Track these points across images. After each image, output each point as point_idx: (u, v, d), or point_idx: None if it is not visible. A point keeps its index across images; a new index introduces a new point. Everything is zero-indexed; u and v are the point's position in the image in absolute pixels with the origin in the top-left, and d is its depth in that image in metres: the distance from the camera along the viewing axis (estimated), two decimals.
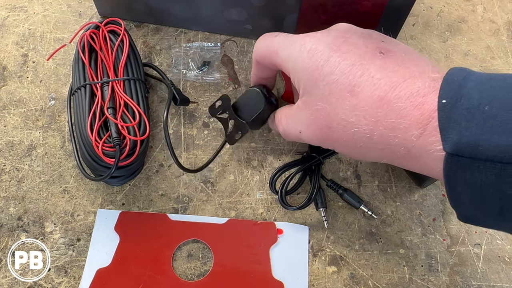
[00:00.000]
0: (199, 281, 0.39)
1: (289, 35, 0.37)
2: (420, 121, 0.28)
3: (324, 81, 0.32)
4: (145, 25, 0.52)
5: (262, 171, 0.44)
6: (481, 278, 0.40)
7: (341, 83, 0.31)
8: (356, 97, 0.31)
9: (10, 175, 0.43)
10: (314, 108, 0.33)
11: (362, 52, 0.32)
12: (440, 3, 0.56)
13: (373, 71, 0.31)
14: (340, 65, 0.32)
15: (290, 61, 0.35)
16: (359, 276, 0.40)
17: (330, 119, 0.32)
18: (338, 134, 0.33)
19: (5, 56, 0.49)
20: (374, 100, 0.30)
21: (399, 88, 0.29)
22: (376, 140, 0.31)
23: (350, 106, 0.31)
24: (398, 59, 0.32)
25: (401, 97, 0.29)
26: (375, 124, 0.30)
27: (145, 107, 0.42)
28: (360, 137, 0.31)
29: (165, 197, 0.42)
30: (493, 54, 0.52)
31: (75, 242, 0.40)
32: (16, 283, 0.38)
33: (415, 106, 0.28)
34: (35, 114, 0.46)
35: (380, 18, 0.45)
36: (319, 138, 0.35)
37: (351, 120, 0.31)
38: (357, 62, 0.31)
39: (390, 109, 0.29)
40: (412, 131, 0.28)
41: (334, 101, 0.32)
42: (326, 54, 0.32)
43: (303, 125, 0.35)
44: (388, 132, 0.30)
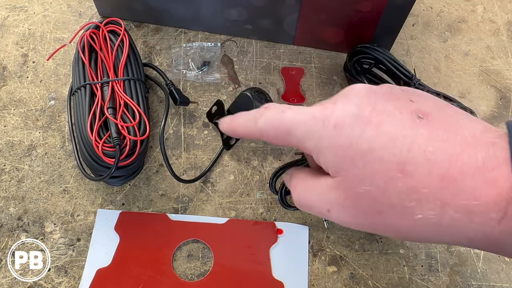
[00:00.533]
0: (199, 281, 0.39)
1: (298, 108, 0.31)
2: (497, 202, 0.24)
3: (364, 159, 0.27)
4: (145, 25, 0.52)
5: (262, 171, 0.44)
6: (481, 278, 0.40)
7: (387, 161, 0.26)
8: (411, 177, 0.26)
9: (10, 175, 0.43)
10: (354, 192, 0.28)
11: (399, 121, 0.27)
12: (440, 3, 0.56)
13: (422, 144, 0.26)
14: (379, 140, 0.27)
15: (311, 141, 0.30)
16: (359, 276, 0.40)
17: (379, 204, 0.27)
18: (393, 221, 0.28)
19: (5, 56, 0.49)
20: (436, 180, 0.25)
21: (460, 161, 0.25)
22: (446, 226, 0.26)
23: (406, 189, 0.26)
24: (441, 123, 0.27)
25: (466, 173, 0.25)
26: (442, 208, 0.25)
27: (145, 107, 0.42)
28: (425, 224, 0.26)
29: (165, 197, 0.42)
30: (493, 54, 0.52)
31: (75, 242, 0.40)
32: (16, 283, 0.38)
33: (486, 183, 0.24)
34: (35, 114, 0.46)
35: (380, 18, 0.45)
36: (361, 223, 0.30)
37: (410, 204, 0.26)
38: (400, 135, 0.26)
39: (457, 189, 0.25)
40: (491, 214, 0.24)
41: (382, 184, 0.27)
42: (358, 128, 0.27)
43: (335, 206, 0.30)
44: (460, 217, 0.25)
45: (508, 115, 0.49)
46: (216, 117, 0.44)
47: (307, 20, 0.47)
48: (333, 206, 0.30)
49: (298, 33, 0.49)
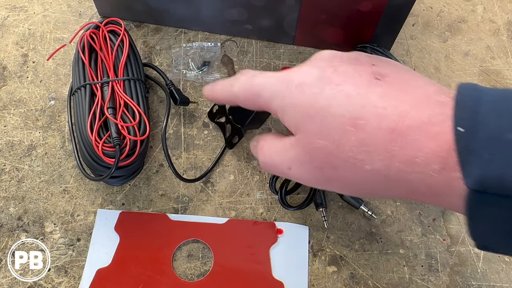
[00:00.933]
0: (199, 281, 0.39)
1: (268, 73, 0.34)
2: (438, 154, 0.25)
3: (321, 115, 0.29)
4: (145, 25, 0.52)
5: (262, 171, 0.44)
6: (481, 278, 0.40)
7: (341, 116, 0.28)
8: (362, 130, 0.28)
9: (10, 175, 0.43)
10: (312, 146, 0.30)
11: (357, 81, 0.29)
12: (440, 3, 0.56)
13: (375, 100, 0.28)
14: (335, 97, 0.29)
15: (275, 100, 0.32)
16: (359, 276, 0.40)
17: (333, 157, 0.29)
18: (346, 173, 0.29)
19: (5, 56, 0.49)
20: (384, 132, 0.27)
21: (409, 117, 0.27)
22: (392, 177, 0.27)
23: (357, 142, 0.28)
24: (397, 83, 0.29)
25: (413, 128, 0.26)
26: (390, 159, 0.27)
27: (145, 107, 0.42)
28: (373, 174, 0.28)
29: (165, 197, 0.42)
30: (493, 54, 0.52)
31: (75, 242, 0.40)
32: (16, 283, 0.38)
33: (429, 136, 0.26)
34: (35, 114, 0.46)
35: (380, 18, 0.45)
36: (318, 178, 0.31)
37: (360, 157, 0.28)
38: (354, 92, 0.29)
39: (404, 141, 0.26)
40: (431, 165, 0.26)
41: (336, 137, 0.28)
42: (318, 86, 0.29)
43: (294, 163, 0.32)
44: (405, 167, 0.27)
45: None
46: (218, 116, 0.44)
47: (307, 20, 0.47)
48: (293, 163, 0.32)
49: (298, 33, 0.49)
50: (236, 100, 0.35)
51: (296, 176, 0.32)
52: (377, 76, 0.29)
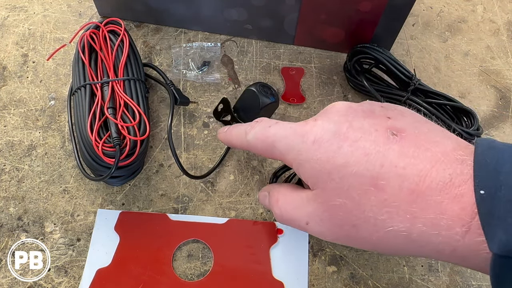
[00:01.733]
0: (199, 281, 0.39)
1: (284, 124, 0.33)
2: (462, 217, 0.25)
3: (340, 173, 0.29)
4: (145, 25, 0.52)
5: (262, 171, 0.44)
6: (481, 278, 0.40)
7: (361, 176, 0.28)
8: (383, 191, 0.27)
9: (10, 175, 0.43)
10: (331, 204, 0.30)
11: (374, 138, 0.29)
12: (440, 3, 0.56)
13: (394, 159, 0.27)
14: (354, 155, 0.28)
15: (291, 153, 0.32)
16: (359, 276, 0.40)
17: (353, 216, 0.29)
18: (367, 233, 0.29)
19: (5, 56, 0.49)
20: (405, 194, 0.27)
21: (429, 177, 0.26)
22: (415, 238, 0.27)
23: (378, 202, 0.27)
24: (414, 139, 0.28)
25: (434, 189, 0.26)
26: (411, 221, 0.27)
27: (145, 107, 0.42)
28: (396, 236, 0.28)
29: (165, 197, 0.42)
30: (493, 54, 0.52)
31: (75, 242, 0.40)
32: (16, 283, 0.38)
33: (452, 199, 0.25)
34: (35, 114, 0.46)
35: (380, 18, 0.45)
36: (337, 235, 0.31)
37: (382, 217, 0.28)
38: (373, 151, 0.28)
39: (426, 203, 0.26)
40: (455, 228, 0.25)
41: (356, 197, 0.28)
42: (335, 144, 0.29)
43: (313, 219, 0.31)
44: (428, 230, 0.26)
45: (508, 115, 0.49)
46: (223, 114, 0.45)
47: (307, 20, 0.47)
48: (312, 219, 0.31)
49: (298, 33, 0.49)
50: (251, 149, 0.35)
51: (314, 231, 0.32)
52: (394, 131, 0.29)
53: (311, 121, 0.32)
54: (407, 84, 0.45)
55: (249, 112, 0.42)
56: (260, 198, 0.38)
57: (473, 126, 0.43)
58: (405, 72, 0.45)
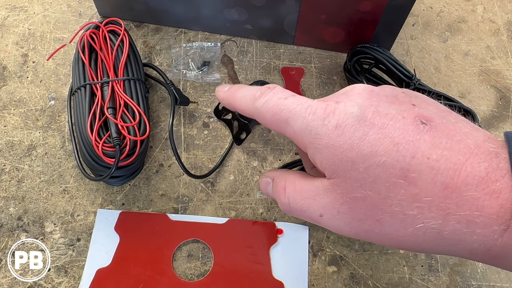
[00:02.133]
0: (199, 281, 0.39)
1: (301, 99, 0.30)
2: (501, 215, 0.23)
3: (366, 163, 0.26)
4: (145, 25, 0.52)
5: (262, 171, 0.44)
6: (481, 278, 0.40)
7: (390, 167, 0.26)
8: (414, 185, 0.25)
9: (10, 175, 0.43)
10: (352, 196, 0.27)
11: (402, 125, 0.26)
12: (440, 3, 0.56)
13: (426, 151, 0.25)
14: (382, 144, 0.26)
15: (307, 136, 0.28)
16: (359, 276, 0.40)
17: (379, 210, 0.27)
18: (393, 228, 0.27)
19: (5, 56, 0.49)
20: (439, 189, 0.25)
21: (464, 171, 0.24)
22: (447, 236, 0.25)
23: (408, 196, 0.25)
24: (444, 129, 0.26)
25: (470, 184, 0.24)
26: (444, 217, 0.25)
27: (145, 107, 0.42)
28: (425, 232, 0.26)
29: (165, 197, 0.42)
30: (493, 54, 0.52)
31: (75, 242, 0.40)
32: (16, 283, 0.38)
33: (490, 195, 0.24)
34: (35, 114, 0.46)
35: (380, 18, 0.45)
36: (356, 230, 0.28)
37: (411, 213, 0.26)
38: (403, 140, 0.26)
39: (461, 199, 0.24)
40: (493, 226, 0.24)
41: (383, 189, 0.26)
42: (360, 130, 0.27)
43: (330, 211, 0.29)
44: (462, 227, 0.25)
45: (508, 115, 0.49)
46: (224, 113, 0.45)
47: (307, 20, 0.47)
48: (327, 210, 0.29)
49: (298, 33, 0.49)
50: (258, 117, 0.31)
51: (329, 224, 0.29)
52: (423, 120, 0.27)
53: (332, 103, 0.28)
54: (407, 84, 0.45)
55: None
56: (262, 185, 0.35)
57: None
58: (405, 72, 0.45)
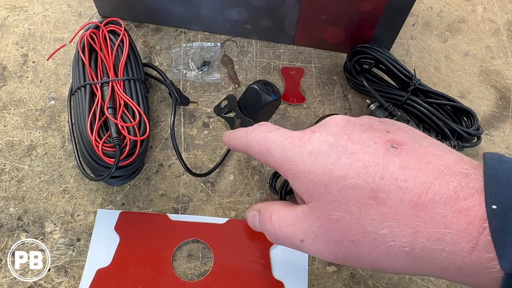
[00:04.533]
0: (199, 281, 0.39)
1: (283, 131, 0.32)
2: (469, 232, 0.24)
3: (338, 186, 0.27)
4: (145, 25, 0.52)
5: (262, 171, 0.44)
6: None
7: (360, 188, 0.27)
8: (383, 204, 0.26)
9: (10, 175, 0.43)
10: (328, 218, 0.28)
11: (373, 150, 0.28)
12: (440, 3, 0.56)
13: (395, 172, 0.26)
14: (352, 168, 0.27)
15: (286, 163, 0.31)
16: (359, 276, 0.40)
17: (352, 231, 0.27)
18: (366, 249, 0.27)
19: (5, 56, 0.49)
20: (407, 207, 0.26)
21: (432, 190, 0.25)
22: (418, 254, 0.26)
23: (378, 216, 0.26)
24: (414, 152, 0.27)
25: (438, 202, 0.25)
26: (414, 235, 0.25)
27: (145, 107, 0.42)
28: (396, 251, 0.26)
29: (165, 197, 0.42)
30: (493, 54, 0.52)
31: (75, 242, 0.40)
32: (16, 283, 0.38)
33: (458, 212, 0.24)
34: (35, 114, 0.46)
35: (380, 18, 0.45)
36: (335, 253, 0.29)
37: (383, 232, 0.26)
38: (372, 163, 0.27)
39: (429, 217, 0.25)
40: (462, 244, 0.24)
41: (355, 210, 0.27)
42: (333, 156, 0.28)
43: (308, 235, 0.30)
44: (432, 245, 0.25)
45: (508, 115, 0.49)
46: (226, 111, 0.45)
47: (307, 20, 0.47)
48: (307, 235, 0.30)
49: (298, 33, 0.49)
50: (249, 151, 0.34)
51: (310, 249, 0.30)
52: (394, 144, 0.28)
53: (309, 133, 0.31)
54: (407, 84, 0.45)
55: (251, 110, 0.43)
56: (249, 219, 0.36)
57: (473, 126, 0.43)
58: (405, 72, 0.45)
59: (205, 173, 0.43)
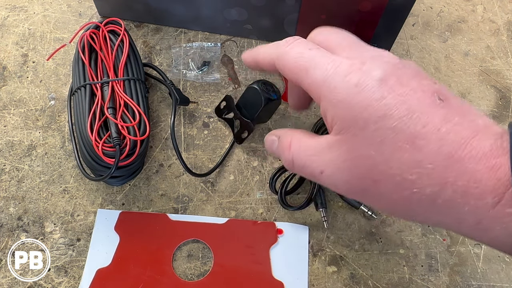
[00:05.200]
0: (199, 281, 0.39)
1: (326, 53, 0.31)
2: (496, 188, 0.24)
3: (377, 124, 0.27)
4: (145, 25, 0.52)
5: (262, 171, 0.44)
6: (481, 278, 0.40)
7: (400, 132, 0.26)
8: (419, 151, 0.26)
9: (10, 175, 0.43)
10: (357, 154, 0.28)
11: (420, 97, 0.27)
12: (440, 3, 0.56)
13: (438, 122, 0.26)
14: (397, 110, 0.27)
15: (326, 88, 0.29)
16: (359, 276, 0.40)
17: (377, 171, 0.27)
18: (388, 190, 0.27)
19: (5, 56, 0.49)
20: (443, 157, 0.26)
21: (470, 145, 0.25)
22: (440, 204, 0.26)
23: (410, 161, 0.26)
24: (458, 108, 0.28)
25: (473, 157, 0.25)
26: (442, 186, 0.26)
27: (145, 107, 0.42)
28: (419, 199, 0.27)
29: (165, 197, 0.42)
30: (493, 54, 0.52)
31: (75, 242, 0.40)
32: (16, 283, 0.38)
33: (490, 169, 0.25)
34: (35, 114, 0.46)
35: (380, 18, 0.45)
36: (354, 188, 0.29)
37: (410, 177, 0.26)
38: (418, 110, 0.27)
39: (462, 169, 0.25)
40: (487, 198, 0.25)
41: (387, 152, 0.27)
42: (379, 93, 0.27)
43: (330, 167, 0.29)
44: (457, 197, 0.25)
45: (508, 115, 0.49)
46: (226, 112, 0.45)
47: (307, 20, 0.47)
48: (328, 167, 0.29)
49: (298, 33, 0.49)
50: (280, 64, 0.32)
51: (328, 181, 0.30)
52: (440, 96, 0.28)
53: (358, 63, 0.29)
54: None
55: (251, 110, 0.43)
56: (267, 143, 0.35)
57: None
58: None
59: (205, 173, 0.43)
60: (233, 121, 0.45)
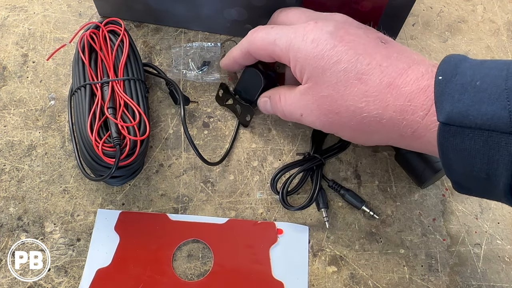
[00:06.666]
0: (199, 281, 0.39)
1: (284, 26, 0.38)
2: (425, 103, 0.30)
3: (332, 69, 0.34)
4: (145, 25, 0.52)
5: (262, 171, 0.44)
6: (481, 278, 0.40)
7: (349, 71, 0.33)
8: (365, 84, 0.33)
9: (10, 175, 0.43)
10: (320, 95, 0.35)
11: (365, 42, 0.34)
12: (440, 3, 0.56)
13: (379, 59, 0.33)
14: (347, 54, 0.34)
15: (291, 50, 0.36)
16: (359, 276, 0.40)
17: (337, 105, 0.34)
18: (346, 119, 0.34)
19: (5, 56, 0.49)
20: (383, 86, 0.32)
21: (406, 74, 0.32)
22: (385, 123, 0.33)
23: (359, 93, 0.33)
24: (398, 48, 0.35)
25: (408, 82, 0.32)
26: (384, 108, 0.32)
27: (145, 107, 0.42)
28: (369, 121, 0.33)
29: (165, 197, 0.42)
30: (493, 54, 0.52)
31: (75, 242, 0.40)
32: (16, 283, 0.38)
33: (420, 89, 0.31)
34: (35, 114, 0.46)
35: (380, 18, 0.45)
36: (323, 123, 0.36)
37: (360, 105, 0.33)
38: (363, 52, 0.34)
39: (398, 93, 0.32)
40: (419, 112, 0.31)
41: (342, 89, 0.34)
42: (330, 43, 0.34)
43: (306, 110, 0.37)
44: (397, 115, 0.32)
45: None
46: (226, 98, 0.45)
47: None
48: (304, 110, 0.37)
49: None
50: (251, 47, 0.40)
51: (307, 121, 0.38)
52: (383, 40, 0.35)
53: (312, 23, 0.36)
54: None
55: (251, 92, 0.44)
56: (261, 105, 0.43)
57: None
58: None
59: (218, 161, 0.43)
60: (235, 107, 0.46)
